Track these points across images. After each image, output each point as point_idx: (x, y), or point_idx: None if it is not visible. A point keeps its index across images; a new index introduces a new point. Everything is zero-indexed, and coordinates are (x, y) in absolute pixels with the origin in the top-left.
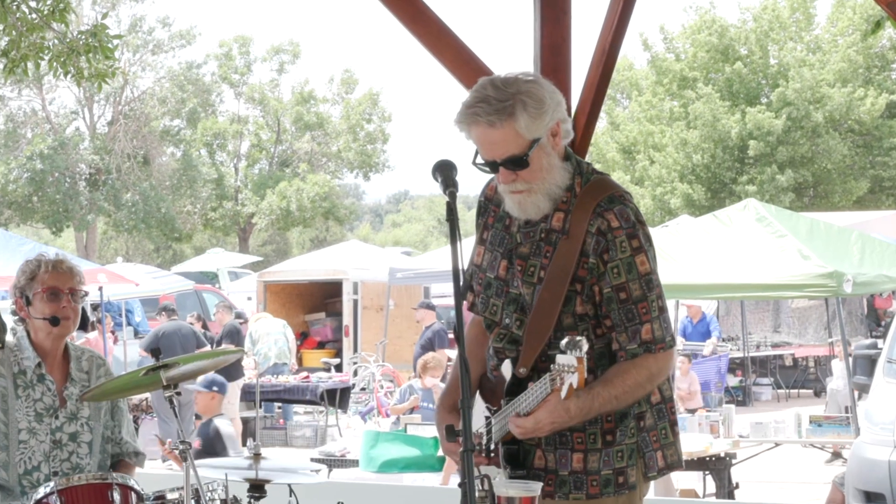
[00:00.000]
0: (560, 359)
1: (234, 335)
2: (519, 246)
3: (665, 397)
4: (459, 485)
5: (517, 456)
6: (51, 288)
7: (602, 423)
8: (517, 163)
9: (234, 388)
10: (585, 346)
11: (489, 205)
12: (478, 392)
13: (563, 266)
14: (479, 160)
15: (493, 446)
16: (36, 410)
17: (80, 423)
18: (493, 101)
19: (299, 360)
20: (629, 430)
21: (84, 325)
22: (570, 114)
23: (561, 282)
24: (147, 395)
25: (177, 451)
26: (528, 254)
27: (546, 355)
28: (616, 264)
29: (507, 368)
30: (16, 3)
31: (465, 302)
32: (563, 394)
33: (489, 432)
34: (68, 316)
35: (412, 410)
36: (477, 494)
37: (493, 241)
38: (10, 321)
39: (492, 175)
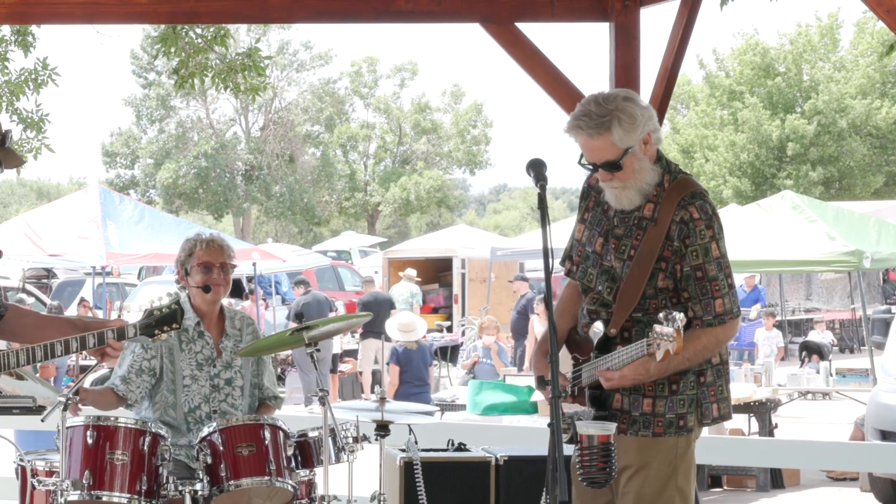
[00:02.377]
0: (658, 328)
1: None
2: (615, 228)
3: (723, 360)
4: (549, 425)
5: (600, 399)
6: (204, 262)
7: (670, 377)
8: (612, 166)
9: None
10: (683, 319)
11: (591, 191)
12: (564, 343)
13: (651, 247)
14: (584, 161)
15: (577, 390)
16: (197, 361)
17: (234, 371)
18: (593, 116)
19: None
20: (689, 383)
21: (240, 294)
22: None
23: (648, 260)
24: (290, 351)
25: (316, 398)
26: (621, 235)
27: (631, 318)
28: (695, 248)
29: (595, 329)
30: (185, 30)
31: (563, 268)
32: (659, 357)
33: (576, 378)
34: (219, 284)
35: (474, 365)
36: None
37: (592, 222)
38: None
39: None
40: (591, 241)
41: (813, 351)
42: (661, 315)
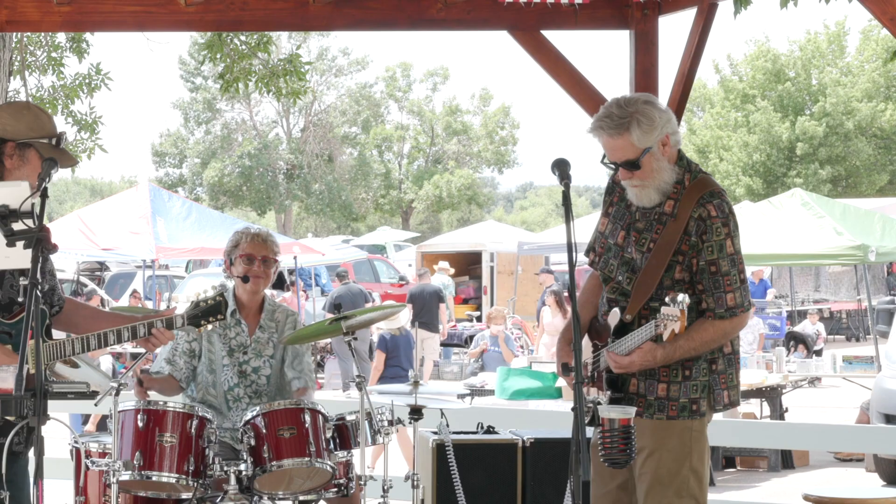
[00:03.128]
0: (665, 310)
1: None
2: (636, 222)
3: (734, 350)
4: (572, 409)
5: (616, 382)
6: (247, 254)
7: (682, 362)
8: (632, 165)
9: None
10: (687, 301)
11: (616, 187)
12: (586, 331)
13: (669, 241)
14: (606, 160)
15: (596, 375)
16: (230, 346)
17: (263, 360)
18: (614, 118)
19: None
20: (702, 370)
21: (281, 286)
22: None
23: (666, 252)
24: (329, 339)
25: (357, 382)
26: (642, 229)
27: (648, 306)
28: (711, 244)
29: (613, 316)
30: (230, 37)
31: (587, 259)
32: (665, 337)
33: (595, 363)
34: (258, 276)
35: (482, 353)
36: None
37: (615, 216)
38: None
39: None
40: (613, 234)
41: (799, 341)
42: (667, 298)
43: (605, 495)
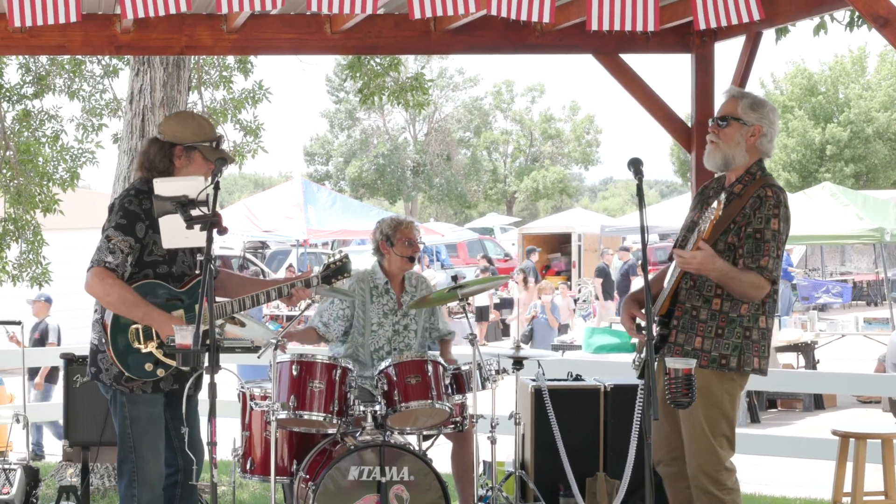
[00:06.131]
0: (707, 210)
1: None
2: (709, 198)
3: (768, 327)
4: (643, 360)
5: (666, 323)
6: (410, 238)
7: (717, 323)
8: (722, 120)
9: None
10: (723, 198)
11: (706, 189)
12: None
13: (731, 212)
14: (712, 119)
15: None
16: (384, 311)
17: (410, 318)
18: (743, 91)
19: None
20: (735, 333)
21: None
22: None
23: (726, 220)
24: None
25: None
26: (712, 202)
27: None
28: (761, 217)
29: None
30: (367, 59)
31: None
32: (704, 228)
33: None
34: (416, 254)
35: (532, 318)
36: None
37: (700, 206)
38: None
39: (708, 180)
40: (692, 215)
41: None
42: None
43: (662, 438)
